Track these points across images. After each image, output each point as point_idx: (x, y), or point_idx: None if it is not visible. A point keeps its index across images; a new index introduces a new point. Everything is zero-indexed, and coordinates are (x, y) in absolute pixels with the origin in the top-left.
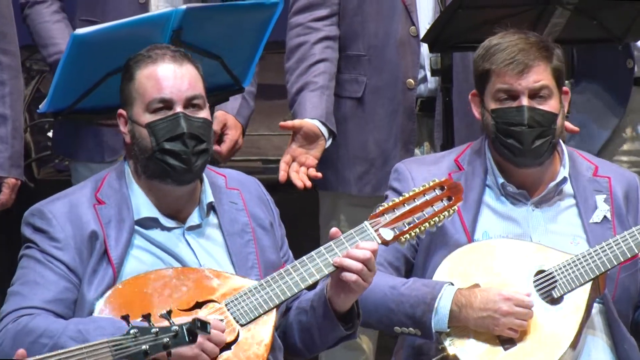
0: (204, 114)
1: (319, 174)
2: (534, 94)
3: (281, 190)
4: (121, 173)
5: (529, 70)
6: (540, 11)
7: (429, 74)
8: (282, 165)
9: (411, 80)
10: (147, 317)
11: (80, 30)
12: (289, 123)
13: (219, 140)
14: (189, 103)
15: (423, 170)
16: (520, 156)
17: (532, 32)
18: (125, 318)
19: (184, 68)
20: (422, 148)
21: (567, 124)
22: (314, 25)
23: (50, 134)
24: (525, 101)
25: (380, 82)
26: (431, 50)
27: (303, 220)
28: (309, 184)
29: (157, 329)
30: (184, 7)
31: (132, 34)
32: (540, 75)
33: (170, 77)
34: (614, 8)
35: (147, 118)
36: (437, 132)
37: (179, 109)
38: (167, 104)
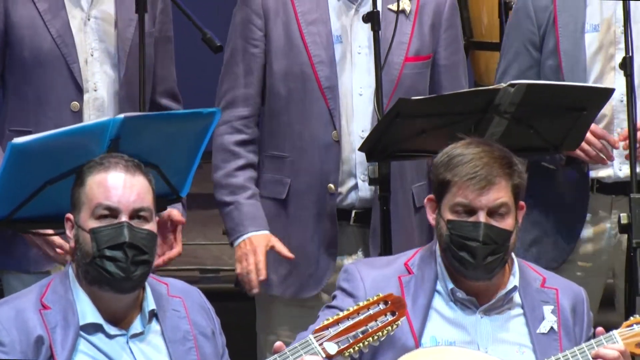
0: (150, 226)
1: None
2: (492, 211)
3: (220, 300)
4: (65, 278)
5: (490, 187)
6: (478, 120)
7: (360, 181)
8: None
9: (331, 185)
10: None
11: (19, 140)
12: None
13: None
14: (136, 214)
15: (373, 272)
16: (471, 270)
17: (496, 144)
18: None
19: (135, 179)
20: (355, 256)
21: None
22: (237, 125)
23: None
24: (482, 217)
25: (304, 185)
26: (368, 159)
27: (242, 329)
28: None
29: None
30: (121, 116)
31: (70, 143)
32: (500, 193)
33: (120, 186)
34: (550, 117)
35: (92, 224)
36: (373, 241)
37: (124, 218)
38: (113, 212)
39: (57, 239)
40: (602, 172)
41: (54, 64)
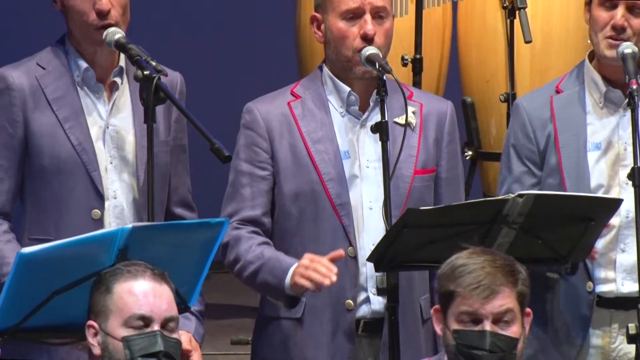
0: (177, 335)
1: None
2: (497, 319)
3: None
4: None
5: (494, 296)
6: (486, 230)
7: (371, 295)
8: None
9: (350, 302)
10: None
11: (27, 249)
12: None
13: None
14: (166, 323)
15: None
16: None
17: (498, 253)
18: None
19: (163, 287)
20: None
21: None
22: (243, 224)
23: None
24: (488, 326)
25: (320, 302)
26: (377, 269)
27: None
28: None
29: None
30: (129, 225)
31: (79, 253)
32: (505, 300)
33: (151, 295)
34: (559, 228)
35: (123, 332)
36: (384, 354)
37: (156, 327)
38: (146, 321)
39: None
40: (604, 288)
41: (75, 171)
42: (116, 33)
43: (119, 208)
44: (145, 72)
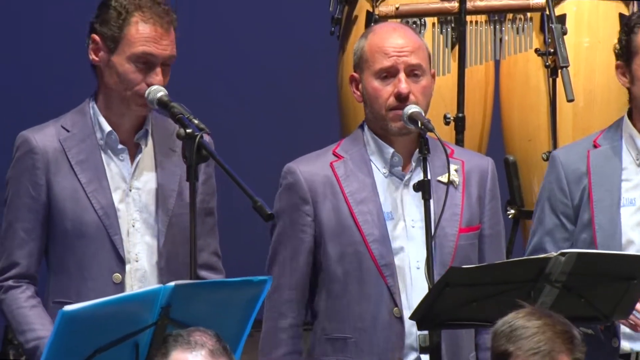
0: None
1: None
2: None
3: None
4: None
5: None
6: (529, 289)
7: (422, 355)
8: None
9: None
10: None
11: (69, 307)
12: None
13: None
14: None
15: None
16: None
17: (557, 316)
18: None
19: None
20: None
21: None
22: (282, 309)
23: None
24: None
25: None
26: (419, 328)
27: None
28: None
29: None
30: (172, 283)
31: (121, 311)
32: None
33: None
34: (601, 287)
35: None
36: None
37: None
38: None
39: None
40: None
41: (96, 235)
42: (159, 91)
43: (140, 271)
44: (188, 130)
